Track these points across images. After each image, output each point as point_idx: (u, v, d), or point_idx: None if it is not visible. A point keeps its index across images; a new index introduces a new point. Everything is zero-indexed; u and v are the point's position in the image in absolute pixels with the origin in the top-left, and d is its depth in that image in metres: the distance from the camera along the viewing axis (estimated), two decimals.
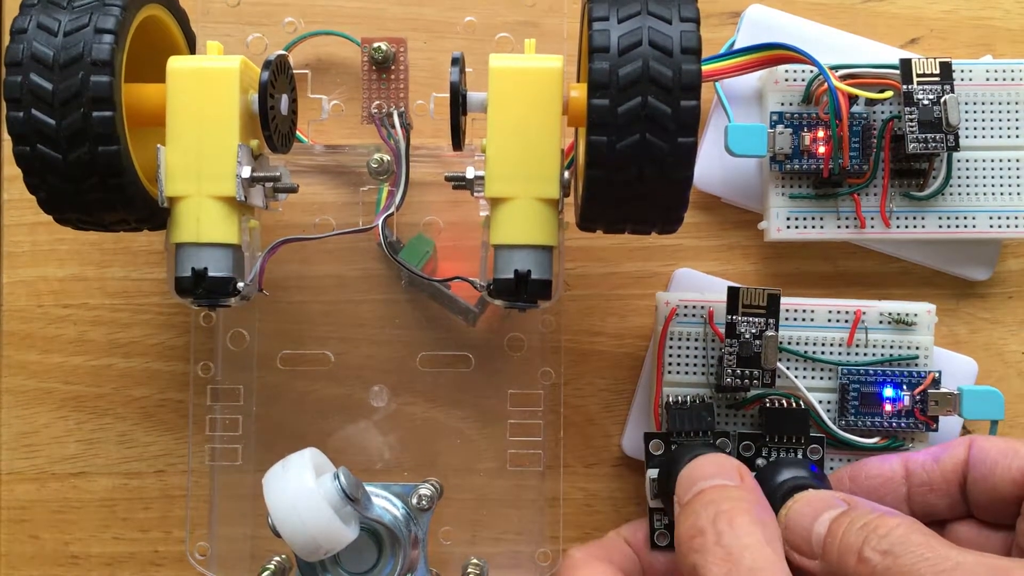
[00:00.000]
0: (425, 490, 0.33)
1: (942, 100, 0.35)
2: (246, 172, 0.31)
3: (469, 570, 0.35)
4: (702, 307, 0.36)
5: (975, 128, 0.37)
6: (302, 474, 0.30)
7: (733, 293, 0.34)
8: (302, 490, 0.30)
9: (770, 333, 0.34)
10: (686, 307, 0.36)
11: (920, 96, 0.35)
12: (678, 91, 0.27)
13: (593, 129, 0.28)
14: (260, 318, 0.37)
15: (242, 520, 0.36)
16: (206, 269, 0.31)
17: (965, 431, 0.38)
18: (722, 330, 0.35)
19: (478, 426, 0.37)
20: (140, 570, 0.39)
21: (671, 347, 0.36)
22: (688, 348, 0.36)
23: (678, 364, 0.36)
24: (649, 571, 0.34)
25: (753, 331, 0.34)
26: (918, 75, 0.35)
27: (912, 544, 0.27)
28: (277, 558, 0.35)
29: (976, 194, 0.37)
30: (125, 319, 0.39)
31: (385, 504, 0.33)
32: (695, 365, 0.36)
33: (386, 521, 0.32)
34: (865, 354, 0.36)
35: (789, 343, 0.36)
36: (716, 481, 0.30)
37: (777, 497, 0.31)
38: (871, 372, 0.36)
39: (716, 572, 0.27)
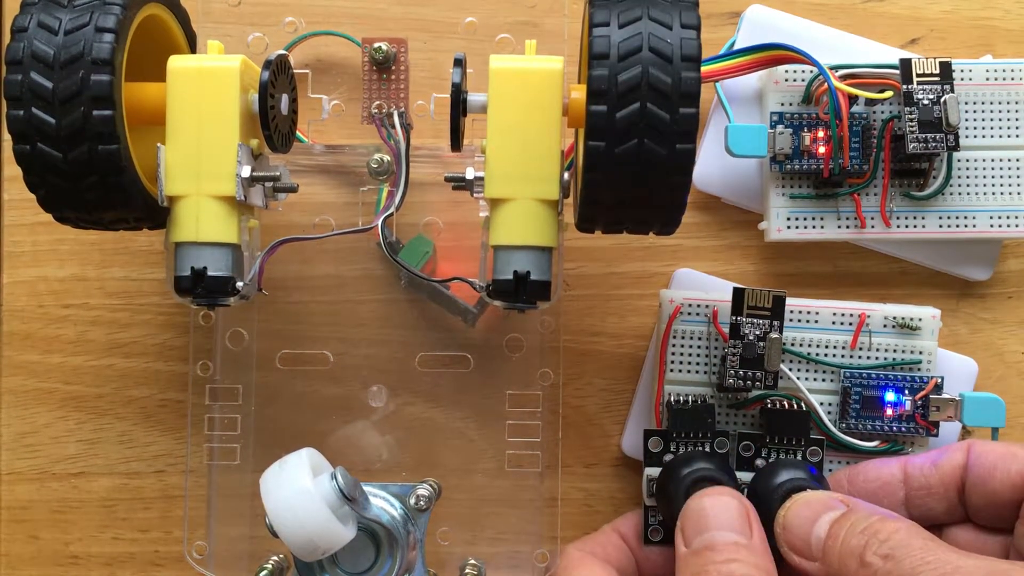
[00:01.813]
0: (423, 490, 0.33)
1: (942, 100, 0.35)
2: (246, 172, 0.31)
3: (467, 570, 0.35)
4: (706, 306, 0.36)
5: (975, 128, 0.36)
6: (299, 474, 0.30)
7: (738, 294, 0.34)
8: (299, 490, 0.30)
9: (774, 335, 0.34)
10: (690, 305, 0.36)
11: (920, 96, 0.35)
12: (677, 98, 0.27)
13: (592, 135, 0.28)
14: (259, 318, 0.37)
15: (240, 520, 0.36)
16: (205, 268, 0.31)
17: (966, 432, 0.38)
18: (726, 330, 0.35)
19: (477, 427, 0.37)
20: (140, 570, 0.39)
21: (674, 345, 0.36)
22: (691, 347, 0.36)
23: (680, 362, 0.36)
24: (643, 564, 0.35)
25: (757, 333, 0.34)
26: (918, 75, 0.35)
27: (913, 548, 0.27)
28: (275, 558, 0.35)
29: (976, 194, 0.37)
30: (125, 319, 0.39)
31: (383, 504, 0.33)
32: (697, 364, 0.36)
33: (384, 521, 0.32)
34: (868, 357, 0.36)
35: (792, 344, 0.36)
36: (728, 537, 0.30)
37: (775, 498, 0.31)
38: (873, 376, 0.35)
39: None
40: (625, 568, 0.34)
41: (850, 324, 0.36)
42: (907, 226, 0.37)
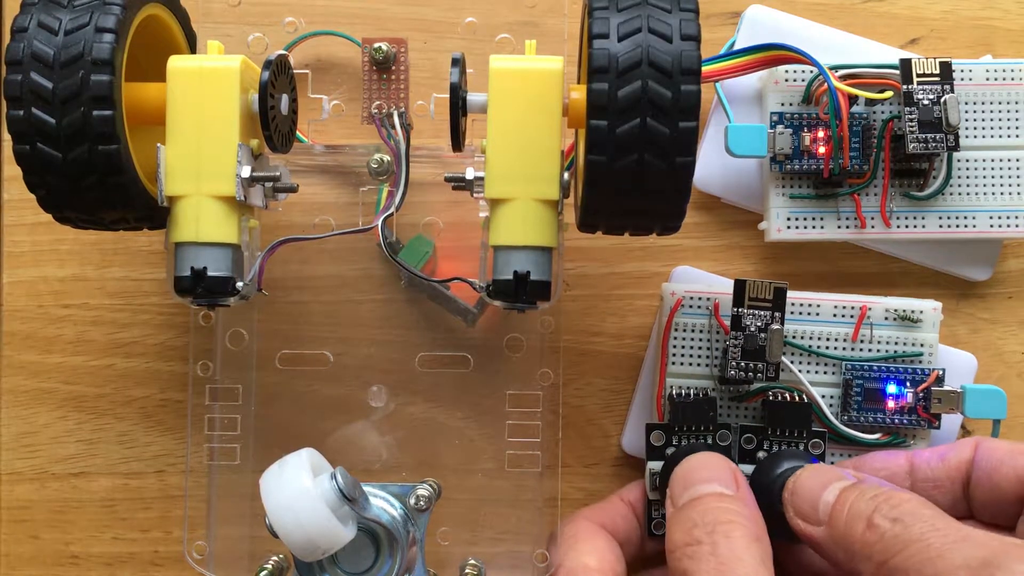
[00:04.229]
0: (423, 490, 0.33)
1: (942, 100, 0.35)
2: (246, 172, 0.31)
3: (467, 570, 0.35)
4: (707, 299, 0.36)
5: (975, 128, 0.36)
6: (299, 474, 0.30)
7: (739, 286, 0.34)
8: (299, 490, 0.30)
9: (776, 327, 0.34)
10: (691, 299, 0.36)
11: (920, 96, 0.35)
12: (678, 75, 0.27)
13: (592, 149, 0.28)
14: (259, 318, 0.37)
15: (240, 520, 0.36)
16: (205, 268, 0.31)
17: (964, 431, 0.38)
18: (727, 323, 0.35)
19: (477, 427, 0.37)
20: (140, 570, 0.39)
21: (675, 338, 0.36)
22: (692, 340, 0.36)
23: (682, 355, 0.36)
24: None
25: (759, 324, 0.34)
26: (918, 75, 0.35)
27: (923, 515, 0.27)
28: (275, 558, 0.35)
29: (976, 194, 0.37)
30: (125, 319, 0.39)
31: (383, 504, 0.33)
32: (699, 357, 0.36)
33: (384, 521, 0.32)
34: (870, 350, 0.36)
35: (794, 337, 0.36)
36: (713, 488, 0.30)
37: (777, 486, 0.31)
38: (875, 368, 0.36)
39: None
40: (630, 536, 0.34)
41: (851, 317, 0.36)
42: (907, 226, 0.37)
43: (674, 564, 0.29)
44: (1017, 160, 0.37)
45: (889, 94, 0.36)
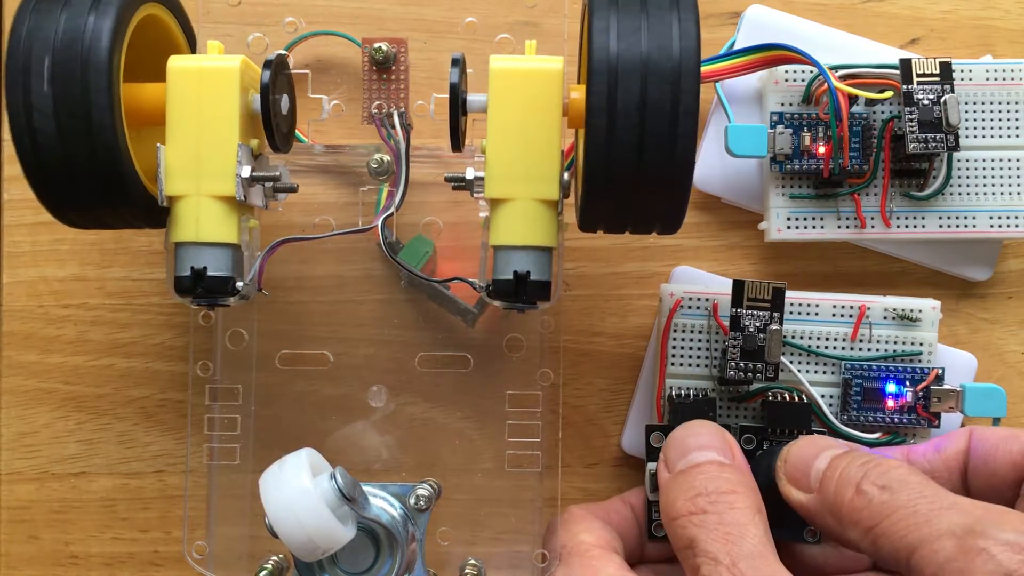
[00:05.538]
0: (423, 490, 0.33)
1: (942, 100, 0.35)
2: (246, 172, 0.31)
3: (467, 570, 0.35)
4: (706, 299, 0.36)
5: (975, 128, 0.36)
6: (298, 474, 0.30)
7: (738, 286, 0.34)
8: (298, 490, 0.30)
9: (774, 327, 0.34)
10: (690, 299, 0.36)
11: (920, 96, 0.35)
12: (678, 75, 0.27)
13: (593, 114, 0.28)
14: (259, 318, 0.37)
15: (240, 520, 0.36)
16: (205, 268, 0.31)
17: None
18: (726, 324, 0.35)
19: (477, 427, 0.37)
20: (140, 570, 0.39)
21: (674, 339, 0.36)
22: (691, 340, 0.36)
23: (681, 356, 0.36)
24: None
25: (757, 324, 0.34)
26: (918, 75, 0.35)
27: (911, 483, 0.27)
28: (275, 558, 0.35)
29: (976, 194, 0.37)
30: (125, 319, 0.39)
31: (383, 504, 0.33)
32: (698, 357, 0.36)
33: (384, 521, 0.32)
34: (869, 349, 0.36)
35: (793, 337, 0.36)
36: (711, 455, 0.31)
37: (772, 471, 0.32)
38: (874, 367, 0.36)
39: (717, 550, 0.27)
40: (625, 532, 0.34)
41: (850, 316, 0.36)
42: (907, 226, 0.37)
43: (678, 531, 0.29)
44: (1017, 160, 0.36)
45: (889, 94, 0.36)
